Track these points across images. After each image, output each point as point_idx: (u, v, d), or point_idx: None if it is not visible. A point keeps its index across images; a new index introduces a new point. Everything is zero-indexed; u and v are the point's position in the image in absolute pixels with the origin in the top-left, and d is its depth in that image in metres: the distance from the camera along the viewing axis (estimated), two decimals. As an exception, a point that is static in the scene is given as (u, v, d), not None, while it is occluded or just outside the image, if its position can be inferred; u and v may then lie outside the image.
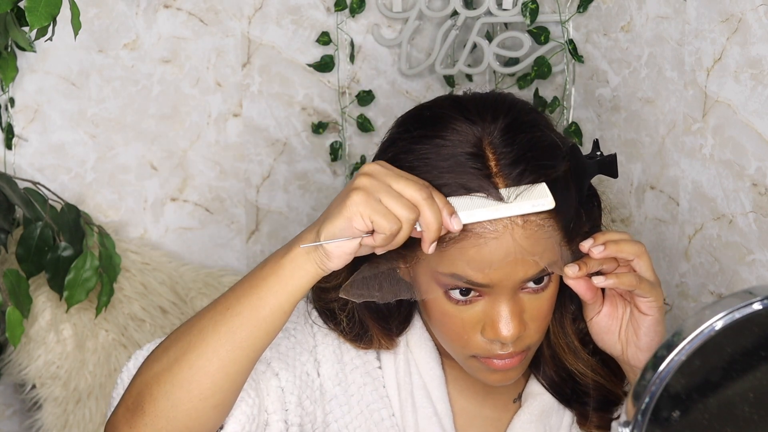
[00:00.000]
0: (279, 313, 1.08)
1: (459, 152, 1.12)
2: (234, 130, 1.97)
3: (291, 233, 2.01)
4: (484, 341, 1.14)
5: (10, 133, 1.86)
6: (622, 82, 1.76)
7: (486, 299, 1.13)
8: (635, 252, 1.13)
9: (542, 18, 1.86)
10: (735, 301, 0.85)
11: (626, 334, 1.17)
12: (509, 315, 1.12)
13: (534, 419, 1.26)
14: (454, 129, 1.14)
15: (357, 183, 1.06)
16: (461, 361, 1.19)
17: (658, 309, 1.15)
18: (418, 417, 1.24)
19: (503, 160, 1.11)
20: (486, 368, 1.17)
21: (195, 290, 1.92)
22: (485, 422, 1.28)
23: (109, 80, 1.90)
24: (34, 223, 1.74)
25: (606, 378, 1.25)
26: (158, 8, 1.90)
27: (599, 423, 1.26)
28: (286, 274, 1.08)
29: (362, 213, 1.04)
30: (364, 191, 1.05)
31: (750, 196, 1.54)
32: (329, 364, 1.24)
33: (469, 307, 1.13)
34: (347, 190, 1.06)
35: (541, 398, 1.27)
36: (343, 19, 1.96)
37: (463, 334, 1.15)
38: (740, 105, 1.53)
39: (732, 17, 1.53)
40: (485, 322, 1.13)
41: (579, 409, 1.27)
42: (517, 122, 1.14)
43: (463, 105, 1.17)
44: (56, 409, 1.81)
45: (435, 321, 1.17)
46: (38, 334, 1.79)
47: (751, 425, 0.86)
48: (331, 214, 1.06)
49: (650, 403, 0.84)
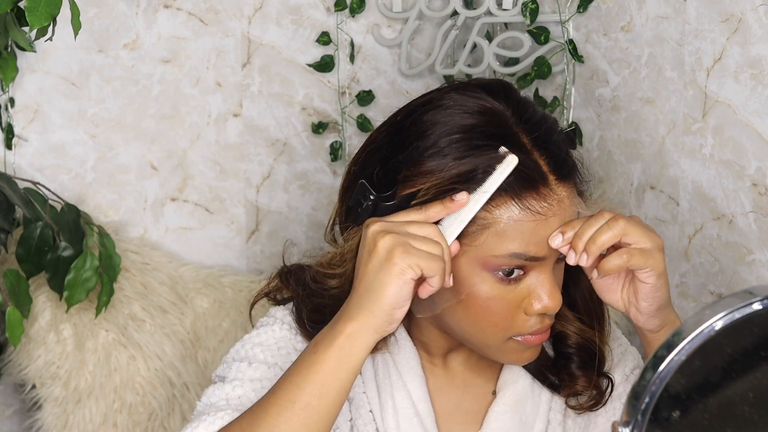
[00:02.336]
0: (344, 392, 1.11)
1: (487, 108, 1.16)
2: (234, 130, 1.97)
3: (291, 233, 2.01)
4: (526, 318, 1.17)
5: (10, 133, 1.86)
6: (622, 82, 1.76)
7: (530, 275, 1.16)
8: (617, 234, 1.15)
9: (542, 18, 1.86)
10: (735, 301, 0.85)
11: (627, 296, 1.20)
12: (554, 285, 1.17)
13: (509, 409, 1.27)
14: (473, 96, 1.17)
15: (386, 243, 1.09)
16: (496, 348, 1.20)
17: (657, 277, 1.16)
18: (399, 418, 1.25)
19: (532, 135, 1.16)
20: (522, 347, 1.20)
21: (195, 290, 1.92)
22: (466, 416, 1.29)
23: (109, 80, 1.90)
24: (34, 223, 1.74)
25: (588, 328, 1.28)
26: (158, 8, 1.90)
27: (585, 382, 1.28)
28: (345, 354, 1.10)
29: (410, 264, 1.08)
30: (399, 245, 1.09)
31: (750, 196, 1.54)
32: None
33: (515, 287, 1.16)
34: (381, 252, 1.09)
35: (515, 387, 1.28)
36: (343, 19, 1.96)
37: (508, 315, 1.17)
38: (740, 105, 1.53)
39: (732, 17, 1.53)
40: (530, 297, 1.16)
41: (564, 373, 1.28)
42: (525, 100, 1.20)
43: (474, 82, 1.21)
44: (56, 409, 1.81)
45: (477, 310, 1.18)
46: (38, 334, 1.79)
47: (751, 425, 0.86)
48: (381, 280, 1.09)
49: (650, 403, 0.84)
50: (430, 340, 1.27)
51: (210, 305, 1.92)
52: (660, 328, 1.20)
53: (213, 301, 1.92)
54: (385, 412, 1.25)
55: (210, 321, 1.91)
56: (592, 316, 1.29)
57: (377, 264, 1.09)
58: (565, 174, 1.16)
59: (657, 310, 1.18)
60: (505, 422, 1.27)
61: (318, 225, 2.02)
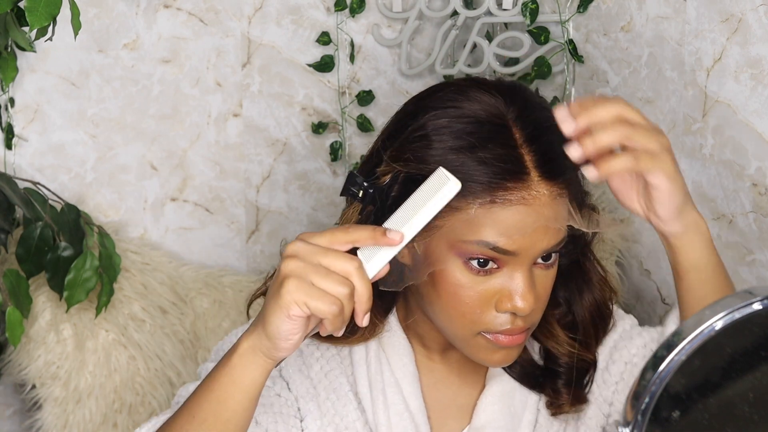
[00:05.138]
0: (241, 411, 1.08)
1: (483, 118, 1.14)
2: (234, 130, 1.97)
3: (291, 233, 2.01)
4: (495, 315, 1.15)
5: (10, 133, 1.86)
6: (622, 82, 1.76)
7: (503, 271, 1.14)
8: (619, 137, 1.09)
9: (542, 18, 1.86)
10: (735, 301, 0.85)
11: (644, 202, 1.16)
12: (527, 287, 1.14)
13: (496, 400, 1.27)
14: (475, 97, 1.16)
15: (285, 270, 1.03)
16: (465, 341, 1.19)
17: (667, 178, 1.11)
18: (390, 414, 1.25)
19: (526, 130, 1.14)
20: (492, 346, 1.18)
21: (195, 290, 1.92)
22: (459, 411, 1.29)
23: (109, 80, 1.90)
24: (34, 223, 1.74)
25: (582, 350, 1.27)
26: (158, 8, 1.90)
27: (569, 399, 1.27)
28: (237, 373, 1.07)
29: (297, 301, 1.02)
30: (294, 278, 1.02)
31: (750, 196, 1.54)
32: (297, 382, 1.25)
33: (486, 279, 1.14)
34: (279, 279, 1.04)
35: (502, 378, 1.28)
36: (343, 19, 1.96)
37: (476, 307, 1.15)
38: (740, 105, 1.53)
39: (732, 17, 1.53)
40: (501, 294, 1.15)
41: (550, 387, 1.28)
42: (531, 102, 1.18)
43: (479, 81, 1.20)
44: (56, 409, 1.81)
45: (446, 295, 1.16)
46: (38, 334, 1.79)
47: (751, 425, 0.86)
48: (269, 307, 1.04)
49: (650, 403, 0.84)
50: (426, 333, 1.27)
51: (210, 305, 1.92)
52: (683, 232, 1.15)
53: (213, 302, 1.92)
54: (376, 407, 1.25)
55: (210, 321, 1.91)
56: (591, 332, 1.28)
57: (272, 289, 1.04)
58: (551, 173, 1.14)
59: (676, 213, 1.14)
60: (494, 413, 1.26)
61: (318, 225, 2.02)
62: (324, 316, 1.03)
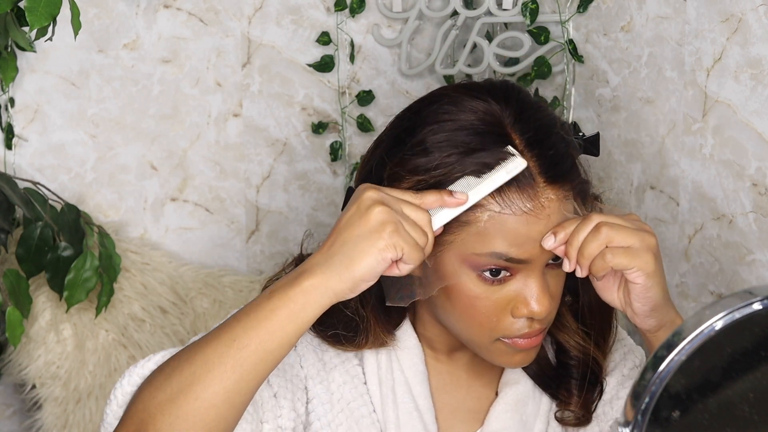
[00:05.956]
0: (287, 345, 1.08)
1: (480, 128, 1.14)
2: (234, 130, 1.97)
3: (291, 233, 2.01)
4: (512, 321, 1.17)
5: (10, 133, 1.86)
6: (622, 82, 1.76)
7: (517, 278, 1.16)
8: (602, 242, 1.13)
9: (542, 18, 1.86)
10: (735, 301, 0.85)
11: (623, 296, 1.18)
12: (542, 291, 1.15)
13: (509, 408, 1.27)
14: (470, 107, 1.16)
15: (380, 215, 1.07)
16: (485, 347, 1.20)
17: (646, 276, 1.14)
18: (399, 412, 1.25)
19: (525, 135, 1.15)
20: (511, 350, 1.19)
21: (195, 290, 1.92)
22: (468, 415, 1.29)
23: (109, 80, 1.90)
24: (34, 223, 1.74)
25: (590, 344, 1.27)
26: (158, 8, 1.90)
27: (578, 403, 1.27)
28: (297, 307, 1.07)
29: (395, 244, 1.07)
30: (392, 222, 1.07)
31: (750, 196, 1.54)
32: (310, 361, 1.25)
33: (500, 288, 1.15)
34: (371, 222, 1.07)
35: (516, 387, 1.28)
36: (343, 19, 1.96)
37: (493, 315, 1.16)
38: (740, 105, 1.53)
39: (732, 17, 1.53)
40: (517, 301, 1.16)
41: (564, 388, 1.28)
42: (526, 103, 1.18)
43: (471, 87, 1.20)
44: (56, 409, 1.81)
45: (461, 307, 1.17)
46: (38, 334, 1.79)
47: (751, 425, 0.86)
48: (360, 249, 1.07)
49: (650, 403, 0.84)
50: (434, 335, 1.27)
51: (210, 305, 1.92)
52: (657, 329, 1.19)
53: (213, 302, 1.92)
54: (385, 406, 1.25)
55: (210, 321, 1.91)
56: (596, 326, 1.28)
57: (364, 232, 1.07)
58: (555, 177, 1.15)
59: (651, 310, 1.17)
60: (506, 422, 1.27)
61: (318, 225, 2.02)
62: (412, 263, 1.08)
